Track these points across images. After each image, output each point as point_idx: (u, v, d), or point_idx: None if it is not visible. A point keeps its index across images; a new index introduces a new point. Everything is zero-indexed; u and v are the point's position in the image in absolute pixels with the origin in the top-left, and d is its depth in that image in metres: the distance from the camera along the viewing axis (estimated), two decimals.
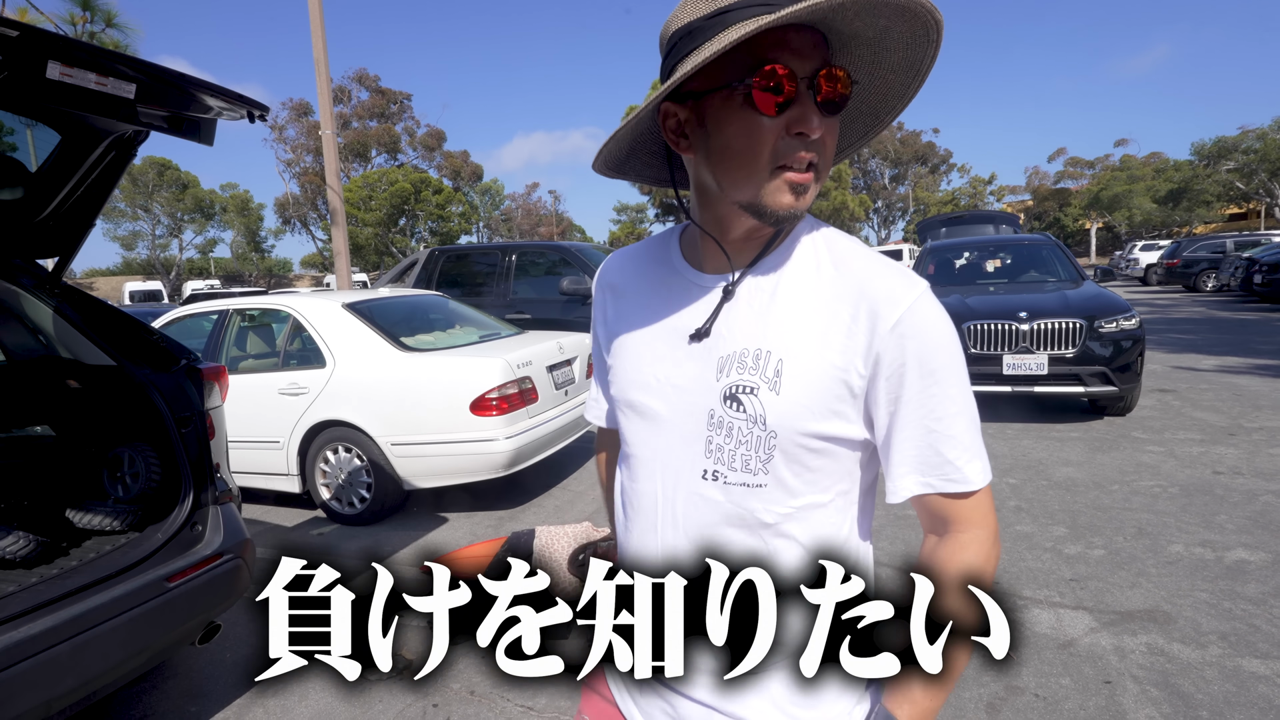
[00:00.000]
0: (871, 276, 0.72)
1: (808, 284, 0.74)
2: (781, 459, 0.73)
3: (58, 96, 1.49)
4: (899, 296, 0.70)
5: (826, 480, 0.75)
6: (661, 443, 0.79)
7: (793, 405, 0.71)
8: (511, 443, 3.93)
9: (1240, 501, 3.67)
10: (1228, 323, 11.60)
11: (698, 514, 0.76)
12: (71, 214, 2.19)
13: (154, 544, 2.06)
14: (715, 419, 0.75)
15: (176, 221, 43.24)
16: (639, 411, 0.82)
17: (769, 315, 0.74)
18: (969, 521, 0.73)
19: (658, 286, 0.85)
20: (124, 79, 1.56)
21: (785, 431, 0.72)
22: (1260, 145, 32.42)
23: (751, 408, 0.72)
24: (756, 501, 0.74)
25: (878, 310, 0.70)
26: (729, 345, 0.75)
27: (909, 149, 57.08)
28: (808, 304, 0.73)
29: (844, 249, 0.76)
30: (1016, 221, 10.34)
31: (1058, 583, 2.92)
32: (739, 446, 0.74)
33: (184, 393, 2.22)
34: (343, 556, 3.65)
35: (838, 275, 0.74)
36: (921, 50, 0.69)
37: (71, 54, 1.41)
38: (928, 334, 0.70)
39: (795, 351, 0.72)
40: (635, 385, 0.82)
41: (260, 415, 4.31)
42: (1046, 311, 5.39)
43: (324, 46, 10.06)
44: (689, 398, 0.77)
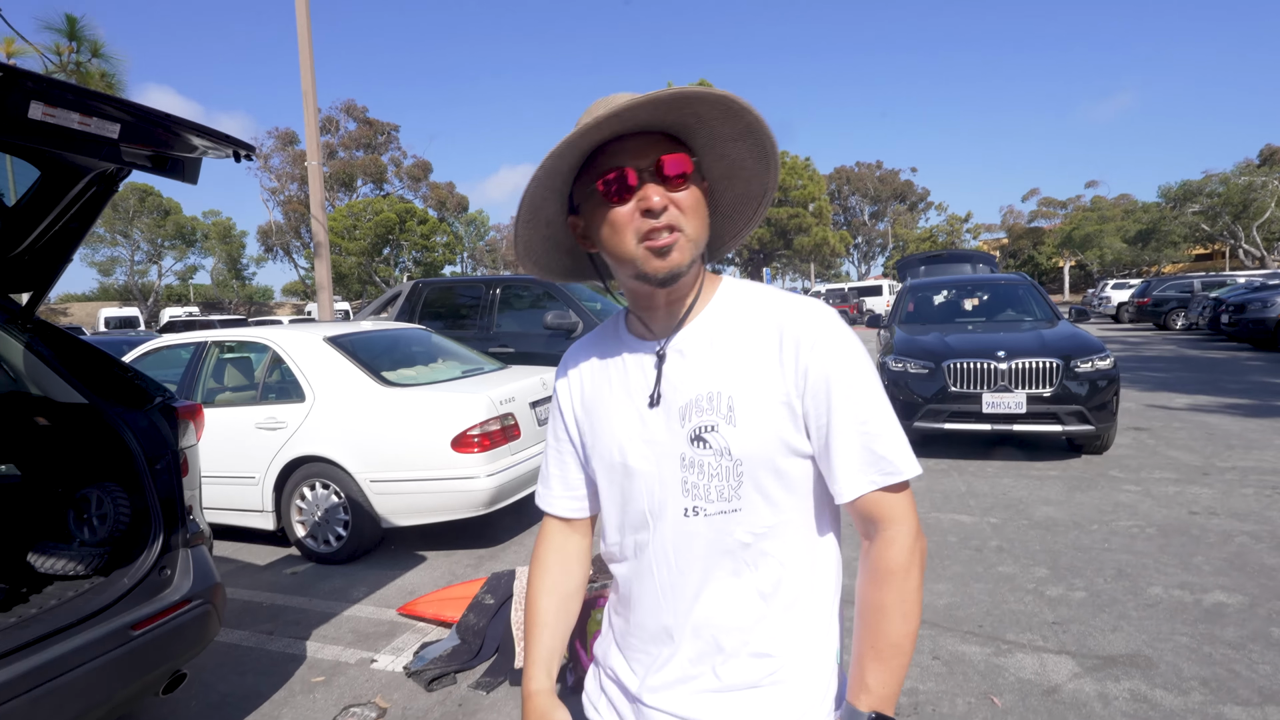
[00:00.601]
0: (785, 311, 0.86)
1: (737, 329, 0.87)
2: (750, 483, 0.84)
3: (39, 135, 1.48)
4: (810, 322, 0.84)
5: (792, 498, 0.86)
6: (647, 495, 0.89)
7: (750, 433, 0.83)
8: (493, 480, 3.87)
9: (1216, 542, 3.71)
10: (1198, 361, 11.88)
11: (688, 549, 0.86)
12: (48, 248, 2.16)
13: (119, 589, 1.98)
14: (687, 460, 0.86)
15: (157, 248, 42.82)
16: (625, 474, 0.91)
17: (713, 362, 0.87)
18: (893, 519, 0.82)
19: (614, 361, 0.96)
20: (107, 119, 1.56)
21: (749, 458, 0.83)
22: (1223, 189, 33.67)
23: (716, 443, 0.84)
24: (735, 526, 0.84)
25: (796, 337, 0.83)
26: (685, 395, 0.86)
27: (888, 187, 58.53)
28: (741, 346, 0.86)
29: (758, 295, 0.90)
30: (993, 260, 10.59)
31: (1041, 626, 2.91)
32: (712, 480, 0.84)
33: (157, 432, 2.17)
34: (313, 598, 3.55)
35: (758, 316, 0.87)
36: (739, 118, 0.81)
37: (55, 95, 1.41)
38: (840, 348, 0.83)
39: (741, 387, 0.84)
40: (617, 452, 0.92)
41: (236, 450, 4.22)
42: (1024, 351, 5.48)
43: (312, 79, 10.16)
44: (661, 449, 0.87)
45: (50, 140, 1.49)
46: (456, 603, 3.33)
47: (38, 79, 1.35)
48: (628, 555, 0.93)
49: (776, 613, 0.86)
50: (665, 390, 0.88)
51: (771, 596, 0.86)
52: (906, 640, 0.81)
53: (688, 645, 0.87)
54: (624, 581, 0.95)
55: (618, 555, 0.95)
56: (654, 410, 0.89)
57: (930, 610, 3.09)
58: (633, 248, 0.83)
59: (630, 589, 0.93)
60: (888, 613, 0.81)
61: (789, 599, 0.86)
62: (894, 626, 0.81)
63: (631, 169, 0.81)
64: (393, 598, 3.58)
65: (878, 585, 0.82)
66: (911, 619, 0.81)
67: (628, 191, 0.81)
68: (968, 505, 4.56)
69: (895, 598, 0.81)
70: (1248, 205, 33.20)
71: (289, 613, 3.47)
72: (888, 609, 0.81)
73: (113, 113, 1.52)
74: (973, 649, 2.75)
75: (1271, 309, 12.84)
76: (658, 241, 0.81)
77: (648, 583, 0.90)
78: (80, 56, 5.97)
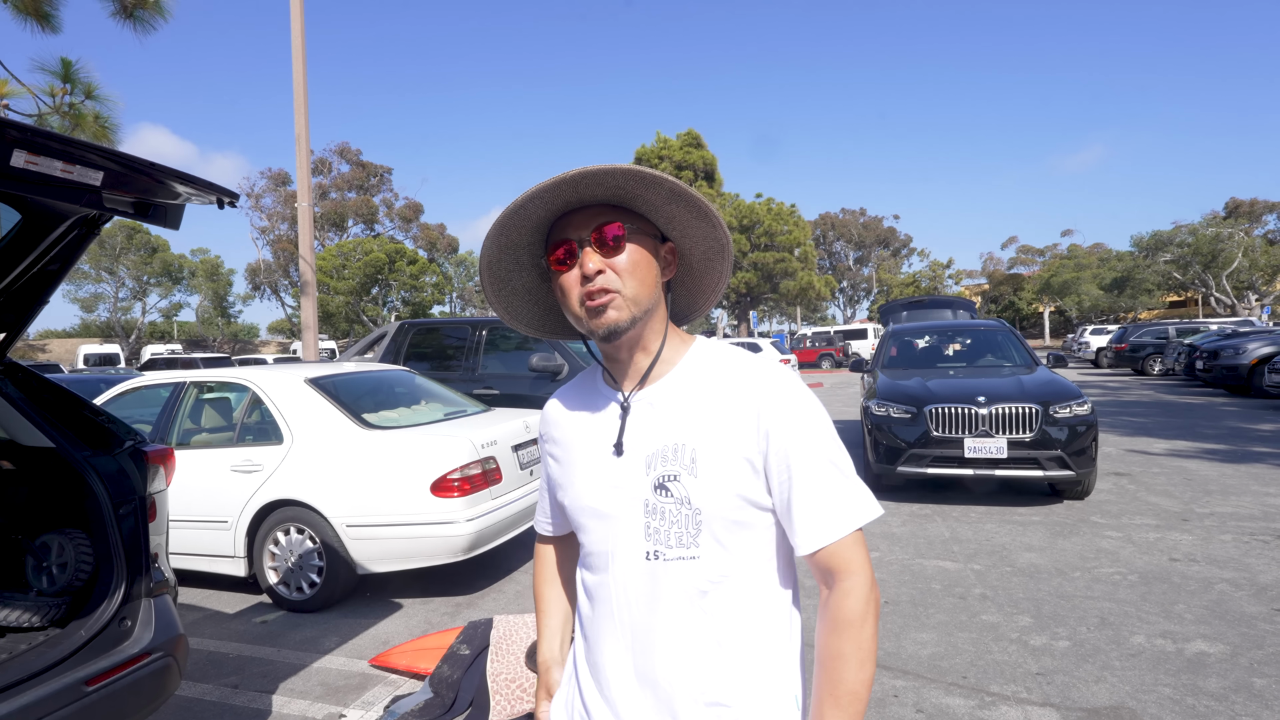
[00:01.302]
0: (749, 372, 0.92)
1: (705, 387, 0.93)
2: (708, 532, 0.88)
3: (21, 182, 1.49)
4: (774, 384, 0.90)
5: (749, 548, 0.90)
6: (612, 537, 0.94)
7: (710, 484, 0.88)
8: (472, 525, 3.81)
9: (1197, 590, 3.71)
10: (1175, 406, 12.07)
11: (649, 592, 0.90)
12: (25, 290, 2.15)
13: (76, 642, 1.91)
14: (650, 507, 0.91)
15: (142, 285, 42.58)
16: (592, 516, 0.97)
17: (680, 416, 0.92)
18: (849, 570, 0.87)
19: (590, 410, 1.02)
20: (90, 166, 1.57)
21: (708, 507, 0.88)
22: (1192, 240, 34.78)
23: (678, 491, 0.89)
24: (692, 572, 0.89)
25: (760, 398, 0.89)
26: (652, 444, 0.92)
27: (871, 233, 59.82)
28: (708, 402, 0.92)
29: (728, 356, 0.96)
30: (973, 307, 10.79)
31: (1024, 677, 2.87)
32: (672, 526, 0.89)
33: (125, 477, 2.12)
34: (284, 649, 3.44)
35: (725, 376, 0.93)
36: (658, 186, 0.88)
37: (38, 143, 1.43)
38: (799, 410, 0.89)
39: (705, 441, 0.89)
40: (586, 494, 0.98)
41: (209, 493, 4.13)
42: (1003, 396, 5.55)
43: (305, 123, 10.33)
44: (626, 494, 0.93)
45: (32, 187, 1.50)
46: (431, 653, 3.24)
47: (21, 128, 1.37)
48: (591, 595, 0.98)
49: (732, 661, 0.89)
50: (632, 439, 0.94)
51: (727, 644, 0.89)
52: (863, 688, 0.84)
53: (647, 688, 0.90)
54: (587, 620, 0.99)
55: (583, 594, 1.00)
56: (620, 457, 0.94)
57: (914, 661, 3.05)
58: (577, 308, 0.92)
59: (592, 628, 0.97)
60: (845, 660, 0.85)
61: (745, 648, 0.90)
62: (851, 674, 0.84)
63: (574, 240, 0.90)
64: (365, 648, 3.47)
65: (836, 634, 0.86)
66: (867, 666, 0.85)
67: (571, 259, 0.91)
68: (951, 551, 4.54)
69: (852, 646, 0.85)
70: (1216, 255, 34.29)
71: (256, 664, 3.35)
72: (845, 657, 0.85)
73: (96, 160, 1.54)
74: (956, 701, 2.71)
75: (1244, 355, 13.13)
76: (593, 302, 0.90)
77: (608, 623, 0.94)
78: (74, 98, 6.03)
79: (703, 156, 32.05)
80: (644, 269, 0.92)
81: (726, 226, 0.97)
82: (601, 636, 0.95)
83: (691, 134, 32.37)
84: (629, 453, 0.94)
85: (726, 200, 32.83)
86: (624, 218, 0.92)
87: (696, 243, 0.99)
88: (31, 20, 5.80)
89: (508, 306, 1.03)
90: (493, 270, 0.98)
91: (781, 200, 34.68)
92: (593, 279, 0.89)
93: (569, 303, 0.93)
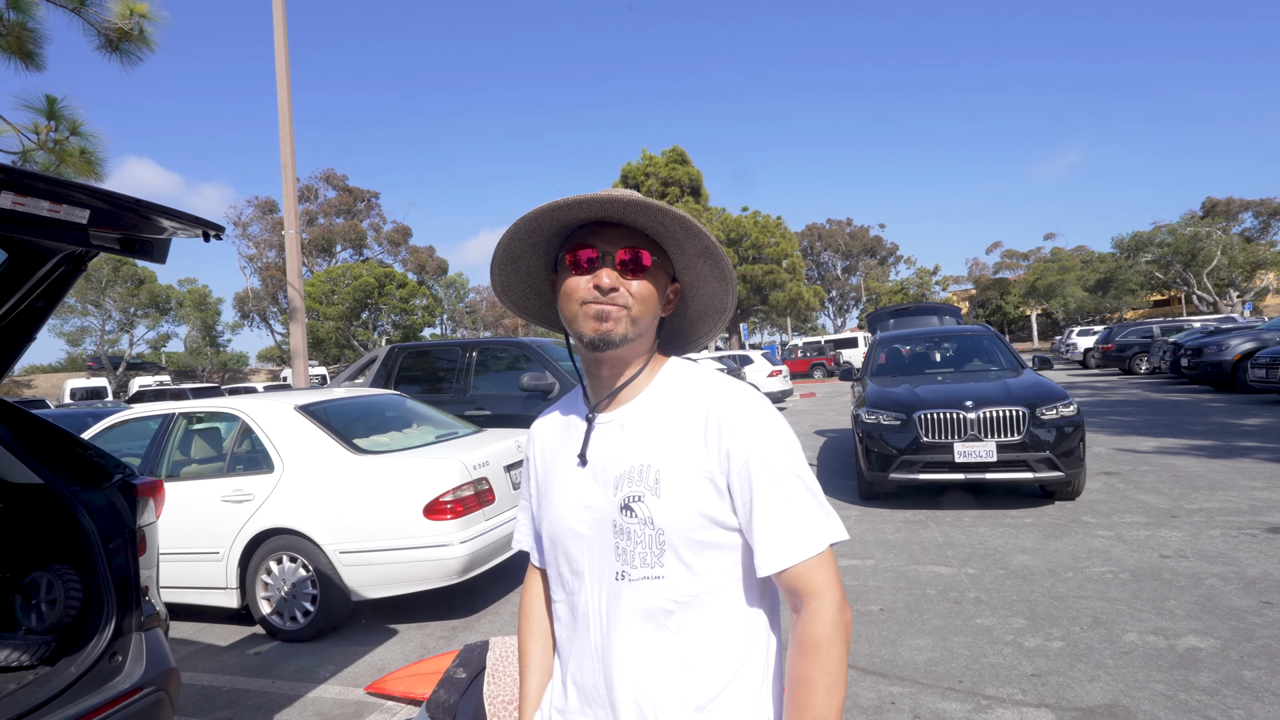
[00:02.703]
0: (712, 393, 0.93)
1: (671, 409, 0.95)
2: (672, 553, 0.89)
3: (8, 222, 1.51)
4: (734, 404, 0.91)
5: (715, 569, 0.91)
6: (586, 557, 0.96)
7: (672, 505, 0.89)
8: (466, 548, 3.81)
9: (1187, 586, 3.75)
10: (1162, 404, 12.19)
11: (617, 610, 0.92)
12: (11, 328, 2.16)
13: (66, 679, 1.90)
14: (618, 527, 0.92)
15: (129, 317, 42.30)
16: (568, 535, 0.98)
17: (646, 437, 0.94)
18: (815, 592, 0.86)
19: (568, 428, 1.04)
20: (76, 205, 1.60)
21: (671, 527, 0.89)
22: (1172, 240, 35.31)
23: (642, 512, 0.90)
24: (658, 592, 0.90)
25: (720, 418, 0.90)
26: (621, 465, 0.94)
27: (858, 242, 60.39)
28: (673, 424, 0.93)
29: (693, 377, 0.98)
30: (958, 312, 10.90)
31: (1020, 679, 2.89)
32: (637, 546, 0.91)
33: (115, 510, 2.12)
34: (278, 679, 3.41)
35: (690, 397, 0.95)
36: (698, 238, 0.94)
37: (25, 185, 1.45)
38: (760, 430, 0.90)
39: (668, 462, 0.91)
40: (562, 512, 0.99)
41: (199, 525, 4.11)
42: (991, 400, 5.60)
43: (291, 150, 10.39)
44: (598, 515, 0.94)
45: (19, 227, 1.53)
46: (427, 678, 3.21)
47: (7, 170, 1.40)
48: (564, 614, 1.00)
49: (699, 680, 0.89)
50: (603, 460, 0.96)
51: (693, 664, 0.89)
52: (831, 713, 0.83)
53: (619, 707, 0.91)
54: (562, 640, 1.01)
55: (558, 613, 1.02)
56: (590, 478, 0.96)
57: (910, 666, 3.06)
58: (575, 309, 0.93)
59: (566, 647, 0.99)
60: (813, 686, 0.83)
61: (714, 669, 0.90)
62: (819, 699, 0.83)
63: (597, 250, 0.92)
64: (361, 676, 3.44)
65: (803, 658, 0.85)
66: (836, 691, 0.83)
67: (589, 266, 0.92)
68: (945, 556, 4.56)
69: (819, 670, 0.83)
70: (1196, 254, 34.80)
71: (250, 697, 3.32)
72: (813, 682, 0.83)
73: (82, 199, 1.57)
74: (953, 705, 2.72)
75: (1227, 352, 13.30)
76: (599, 305, 0.91)
77: (581, 641, 0.96)
78: (59, 134, 6.06)
79: (688, 172, 32.33)
80: (651, 300, 0.95)
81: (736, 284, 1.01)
82: (572, 656, 0.97)
83: (677, 151, 32.66)
84: (600, 474, 0.95)
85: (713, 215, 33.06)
86: (652, 249, 0.95)
87: (703, 297, 1.04)
88: (16, 59, 5.83)
89: (504, 280, 1.04)
90: (510, 247, 0.99)
91: (768, 213, 35.02)
92: (606, 293, 0.91)
93: (568, 304, 0.95)
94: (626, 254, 0.92)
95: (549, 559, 1.03)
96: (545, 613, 1.13)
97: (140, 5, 5.98)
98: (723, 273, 0.98)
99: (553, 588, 1.04)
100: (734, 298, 1.02)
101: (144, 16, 5.97)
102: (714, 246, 0.94)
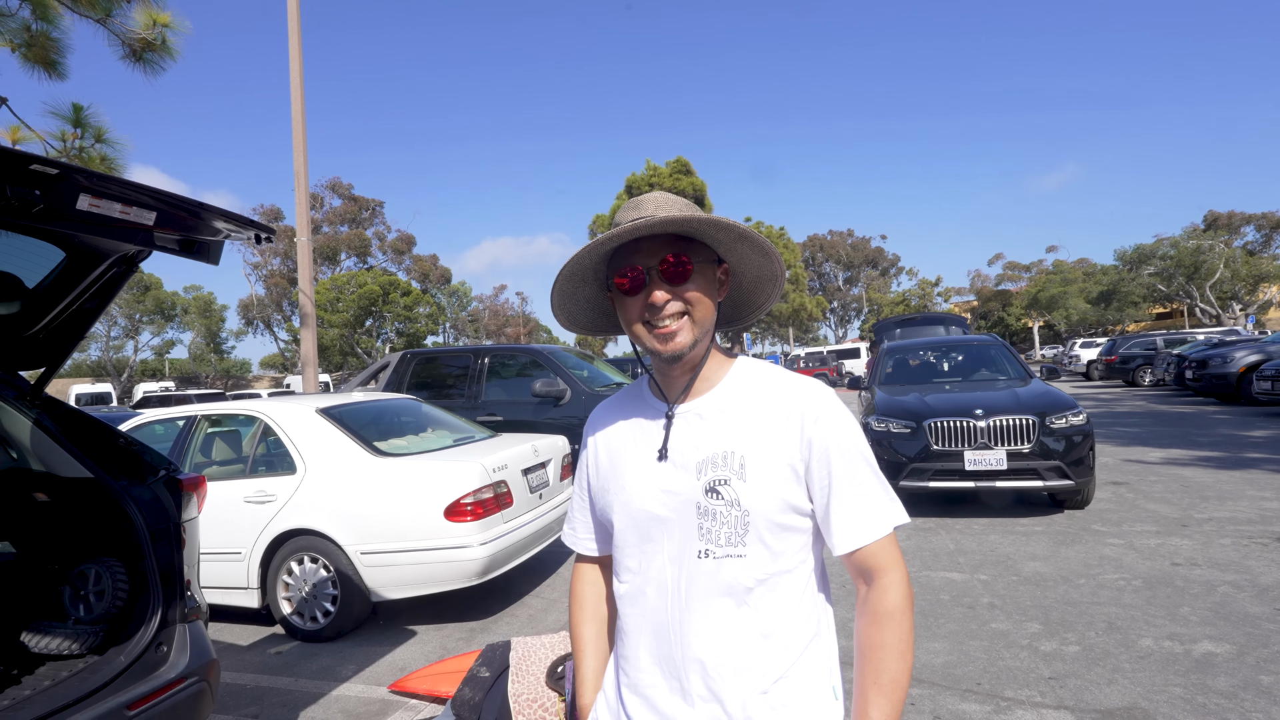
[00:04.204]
0: (793, 389, 1.01)
1: (751, 401, 1.01)
2: (754, 533, 0.95)
3: (82, 224, 1.58)
4: (813, 399, 0.99)
5: (791, 550, 0.98)
6: (665, 538, 1.00)
7: (758, 488, 0.96)
8: (486, 549, 3.85)
9: (1200, 593, 3.78)
10: (1168, 416, 12.22)
11: (698, 586, 0.97)
12: (64, 327, 2.23)
13: (116, 668, 1.95)
14: (702, 509, 0.97)
15: (134, 323, 42.48)
16: (646, 518, 1.02)
17: (728, 426, 1.00)
18: (886, 568, 0.95)
19: (637, 419, 1.10)
20: (145, 207, 1.67)
21: (756, 509, 0.95)
22: (1175, 252, 35.42)
23: (728, 495, 0.96)
24: (740, 569, 0.95)
25: (802, 410, 0.98)
26: (703, 452, 1.00)
27: (860, 253, 60.55)
28: (755, 415, 1.00)
29: (769, 373, 1.05)
30: (965, 322, 10.97)
31: (1037, 681, 2.92)
32: (722, 526, 0.96)
33: (160, 504, 2.18)
34: (300, 678, 3.45)
35: (770, 391, 1.02)
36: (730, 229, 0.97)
37: (102, 188, 1.52)
38: (838, 422, 0.98)
39: (753, 449, 0.97)
40: (639, 497, 1.03)
41: (222, 525, 4.16)
42: (1001, 409, 5.65)
43: (304, 158, 10.51)
44: (680, 498, 0.99)
45: (91, 228, 1.60)
46: (450, 677, 3.25)
47: (89, 174, 1.47)
48: (644, 592, 1.02)
49: (776, 651, 0.96)
50: (682, 447, 1.01)
51: (771, 636, 0.96)
52: (904, 675, 0.91)
53: (695, 679, 0.96)
54: (635, 618, 1.03)
55: (633, 593, 1.04)
56: (669, 464, 1.01)
57: (928, 669, 3.10)
58: (640, 330, 1.00)
59: (641, 624, 1.02)
60: (888, 650, 0.92)
61: (788, 640, 0.97)
62: (894, 663, 0.91)
63: (641, 268, 0.98)
64: (383, 675, 3.48)
65: (879, 626, 0.93)
66: (908, 656, 0.92)
67: (637, 285, 0.99)
68: (957, 563, 4.60)
69: (894, 637, 0.92)
70: (1198, 267, 34.91)
71: (274, 694, 3.36)
72: (888, 647, 0.92)
73: (150, 202, 1.64)
74: (972, 707, 2.76)
75: (1232, 364, 13.34)
76: (660, 329, 0.98)
77: (660, 618, 0.99)
78: (84, 142, 6.17)
79: (692, 183, 32.55)
80: (706, 297, 1.00)
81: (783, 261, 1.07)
82: (652, 633, 1.00)
83: (681, 161, 32.92)
84: (680, 460, 1.00)
85: None
86: (689, 248, 0.99)
87: (750, 268, 1.08)
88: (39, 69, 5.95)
89: (569, 315, 1.12)
90: (563, 289, 1.06)
91: (771, 223, 35.16)
92: (662, 308, 0.97)
93: (630, 323, 1.02)
94: (664, 265, 0.97)
95: (620, 543, 1.06)
96: (600, 600, 1.18)
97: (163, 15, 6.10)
98: (764, 249, 1.02)
99: (621, 572, 1.07)
100: (782, 265, 1.06)
101: (167, 26, 6.10)
102: (747, 231, 0.98)
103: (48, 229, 1.70)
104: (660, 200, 0.99)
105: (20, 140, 5.84)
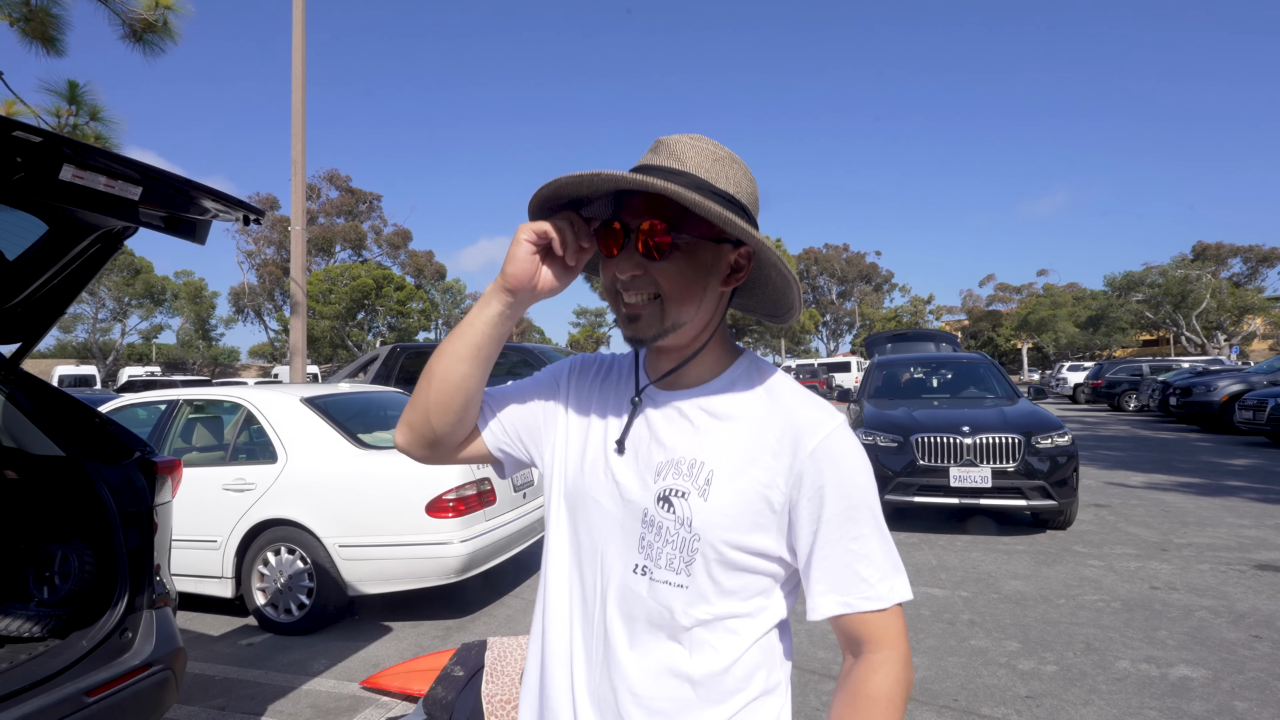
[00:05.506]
0: (797, 406, 0.82)
1: (744, 408, 0.83)
2: (702, 563, 0.78)
3: (65, 196, 1.55)
4: (819, 426, 0.79)
5: (747, 591, 0.80)
6: (601, 533, 0.84)
7: (717, 513, 0.78)
8: (466, 546, 3.81)
9: (1178, 617, 3.80)
10: (1151, 441, 12.32)
11: (626, 605, 0.81)
12: (44, 301, 2.19)
13: (77, 652, 1.91)
14: (648, 517, 0.81)
15: (123, 306, 42.03)
16: (590, 505, 0.86)
17: (707, 431, 0.83)
18: (881, 642, 0.77)
19: (617, 391, 0.93)
20: (131, 181, 1.64)
21: (708, 536, 0.78)
22: (1163, 281, 35.88)
23: (680, 510, 0.79)
24: (676, 602, 0.79)
25: (800, 436, 0.79)
26: (667, 453, 0.83)
27: (854, 268, 60.89)
28: (742, 425, 0.82)
29: (776, 383, 0.86)
30: (955, 340, 11.02)
31: (1014, 700, 2.92)
32: (665, 545, 0.80)
33: (133, 486, 2.14)
34: (270, 671, 3.39)
35: (770, 403, 0.83)
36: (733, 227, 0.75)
37: (86, 159, 1.49)
38: (844, 461, 0.79)
39: (726, 465, 0.80)
40: (586, 477, 0.87)
41: (198, 512, 4.09)
42: (987, 426, 5.67)
43: (303, 148, 10.44)
44: (629, 495, 0.83)
45: (75, 200, 1.56)
46: (424, 675, 3.20)
47: (73, 144, 1.44)
48: (568, 594, 0.87)
49: (704, 705, 0.79)
50: (648, 441, 0.85)
51: (703, 686, 0.79)
52: None
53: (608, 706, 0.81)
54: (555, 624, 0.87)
55: (555, 593, 0.87)
56: (636, 457, 0.84)
57: None
58: (611, 298, 0.84)
59: (558, 632, 0.86)
60: None
61: (722, 694, 0.80)
62: None
63: (621, 227, 0.79)
64: (356, 670, 3.43)
65: (856, 711, 0.75)
66: None
67: (614, 245, 0.80)
68: (939, 579, 4.59)
69: None
70: (1185, 296, 35.38)
71: (243, 687, 3.30)
72: None
73: (136, 176, 1.60)
74: None
75: (1215, 393, 13.49)
76: (625, 307, 0.81)
77: (579, 629, 0.85)
78: (79, 119, 6.10)
79: None
80: (689, 278, 0.79)
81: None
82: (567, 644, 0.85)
83: None
84: (642, 454, 0.84)
85: None
86: (684, 219, 0.78)
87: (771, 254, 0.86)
88: (37, 44, 5.88)
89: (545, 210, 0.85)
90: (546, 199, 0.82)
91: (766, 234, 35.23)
92: (628, 282, 0.80)
93: (606, 281, 0.84)
94: (643, 233, 0.77)
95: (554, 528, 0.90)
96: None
97: None
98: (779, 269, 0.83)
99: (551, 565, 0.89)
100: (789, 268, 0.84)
101: (169, 8, 6.04)
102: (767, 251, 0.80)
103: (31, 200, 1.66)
104: (685, 150, 0.78)
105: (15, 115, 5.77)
